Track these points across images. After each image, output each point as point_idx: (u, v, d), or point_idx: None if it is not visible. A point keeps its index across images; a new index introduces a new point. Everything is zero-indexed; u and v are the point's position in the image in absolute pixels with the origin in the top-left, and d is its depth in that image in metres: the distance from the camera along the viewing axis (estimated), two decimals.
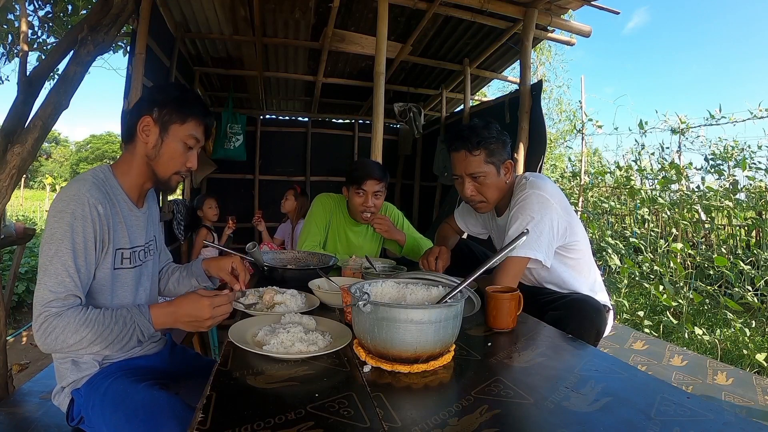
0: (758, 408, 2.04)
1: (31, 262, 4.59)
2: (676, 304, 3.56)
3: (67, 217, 0.94)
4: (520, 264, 1.34)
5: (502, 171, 1.46)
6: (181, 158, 1.11)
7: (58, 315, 0.89)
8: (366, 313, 0.80)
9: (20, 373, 2.66)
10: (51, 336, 0.88)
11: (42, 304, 0.90)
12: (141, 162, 1.10)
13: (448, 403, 0.69)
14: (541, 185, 1.39)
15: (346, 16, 3.52)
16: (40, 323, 0.89)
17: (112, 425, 0.96)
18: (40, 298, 0.91)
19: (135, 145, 1.09)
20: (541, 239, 1.33)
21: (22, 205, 13.09)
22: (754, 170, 4.18)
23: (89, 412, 1.00)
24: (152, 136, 1.07)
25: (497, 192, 1.48)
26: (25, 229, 2.15)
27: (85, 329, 0.89)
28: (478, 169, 1.44)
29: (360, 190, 1.88)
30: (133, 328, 0.94)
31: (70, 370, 1.04)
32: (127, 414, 0.94)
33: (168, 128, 1.08)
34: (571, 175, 6.53)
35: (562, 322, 1.23)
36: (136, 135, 1.08)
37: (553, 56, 11.75)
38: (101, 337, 0.91)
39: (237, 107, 5.17)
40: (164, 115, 1.07)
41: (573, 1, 3.07)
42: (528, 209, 1.35)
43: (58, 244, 0.93)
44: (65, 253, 0.93)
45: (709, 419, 0.66)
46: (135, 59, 2.59)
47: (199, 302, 0.95)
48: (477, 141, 1.41)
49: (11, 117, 1.80)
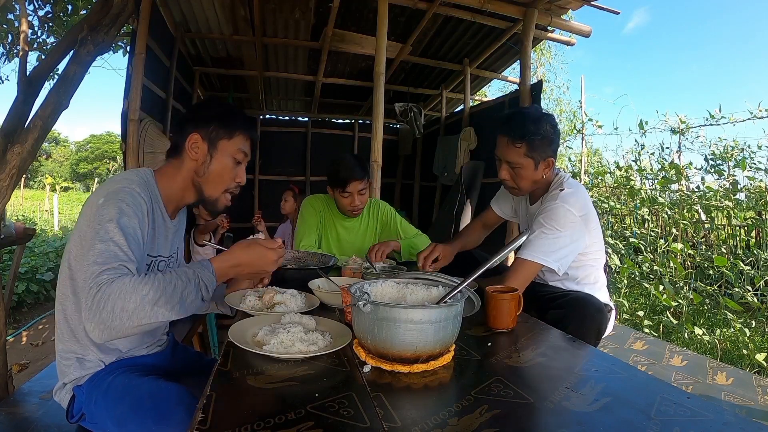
0: (758, 408, 2.05)
1: (31, 262, 4.60)
2: (676, 304, 3.56)
3: (117, 203, 0.91)
4: (532, 269, 1.35)
5: (541, 166, 1.44)
6: (230, 173, 1.10)
7: (111, 282, 0.79)
8: (366, 313, 0.80)
9: (20, 373, 2.66)
10: (107, 307, 0.77)
11: (92, 277, 0.80)
12: (187, 177, 1.09)
13: (448, 403, 0.69)
14: (573, 202, 1.38)
15: (346, 16, 3.52)
16: (92, 297, 0.77)
17: (117, 417, 0.94)
18: (88, 275, 0.81)
19: (182, 161, 1.08)
20: (560, 250, 1.34)
21: (22, 205, 13.09)
22: (754, 170, 4.18)
23: (91, 407, 0.99)
24: (201, 152, 1.06)
25: (531, 184, 1.48)
26: (25, 229, 2.15)
27: (144, 286, 0.79)
28: (517, 159, 1.43)
29: (345, 192, 1.90)
30: (196, 280, 0.87)
31: (73, 367, 1.02)
32: (132, 404, 0.93)
33: (216, 144, 1.07)
34: (572, 175, 6.53)
35: (564, 321, 1.23)
36: (183, 151, 1.07)
37: (553, 56, 11.74)
38: (164, 295, 0.81)
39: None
40: (211, 131, 1.07)
41: (573, 1, 3.07)
42: (553, 221, 1.35)
43: (108, 224, 0.87)
44: (115, 233, 0.87)
45: (709, 419, 0.66)
46: (135, 59, 2.59)
47: (266, 254, 0.95)
48: (521, 134, 1.39)
49: (11, 117, 1.80)
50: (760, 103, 4.15)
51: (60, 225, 9.62)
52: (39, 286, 4.33)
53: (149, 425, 0.90)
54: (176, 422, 0.88)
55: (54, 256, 5.17)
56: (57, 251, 5.32)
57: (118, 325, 0.78)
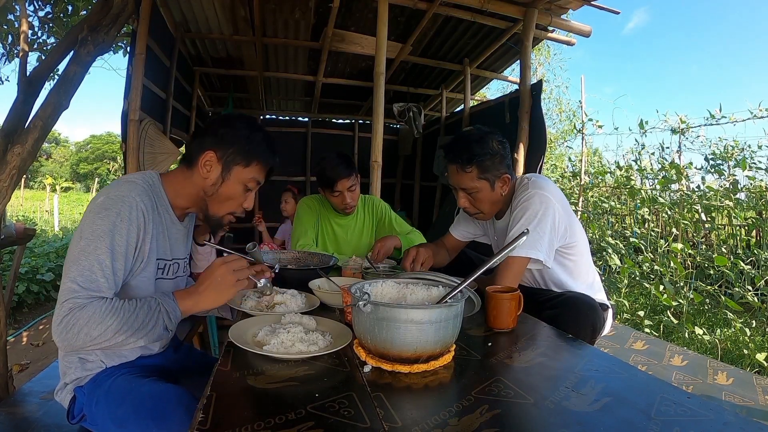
0: (758, 408, 2.04)
1: (32, 263, 4.60)
2: (677, 304, 3.55)
3: (112, 216, 0.91)
4: (521, 264, 1.34)
5: (497, 185, 1.42)
6: (238, 200, 1.07)
7: (82, 307, 0.84)
8: (366, 313, 0.80)
9: (20, 373, 2.66)
10: (73, 330, 0.82)
11: (67, 296, 0.84)
12: (196, 191, 1.06)
13: (448, 403, 0.69)
14: (543, 185, 1.38)
15: (346, 16, 3.52)
16: (62, 316, 0.83)
17: (118, 418, 0.94)
18: (65, 290, 0.85)
19: (193, 174, 1.05)
20: (543, 240, 1.33)
21: (22, 206, 13.10)
22: (754, 170, 4.17)
23: (92, 408, 0.99)
24: (213, 173, 1.03)
25: (492, 205, 1.46)
26: (25, 229, 2.15)
27: (110, 318, 0.84)
28: (470, 184, 1.40)
29: (335, 192, 1.89)
30: (158, 311, 0.89)
31: (75, 367, 1.02)
32: (134, 405, 0.93)
33: (231, 169, 1.04)
34: (572, 175, 6.52)
35: (558, 320, 1.24)
36: (195, 165, 1.04)
37: (552, 56, 11.75)
38: (126, 324, 0.85)
39: (237, 107, 5.18)
40: (229, 154, 1.03)
41: (573, 1, 3.07)
42: (531, 209, 1.34)
43: (97, 241, 0.89)
44: (103, 251, 0.89)
45: (709, 419, 0.66)
46: (135, 59, 2.59)
47: (216, 270, 0.92)
48: (468, 157, 1.37)
49: (11, 117, 1.80)
50: (760, 103, 4.15)
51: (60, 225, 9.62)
52: (39, 287, 4.33)
53: (149, 426, 0.90)
54: (176, 423, 0.88)
55: (54, 256, 5.17)
56: (57, 251, 5.31)
57: (80, 345, 0.85)
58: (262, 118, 5.56)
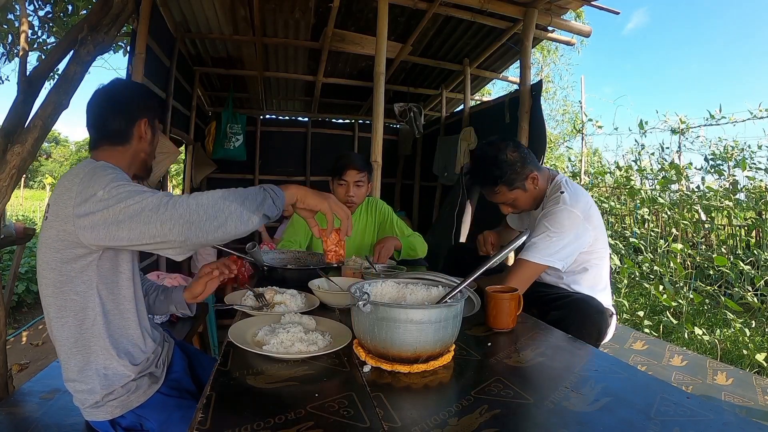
0: (758, 408, 2.04)
1: (31, 262, 4.59)
2: (676, 304, 3.56)
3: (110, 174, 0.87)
4: (536, 270, 1.35)
5: (528, 185, 1.50)
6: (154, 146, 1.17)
7: (173, 196, 0.81)
8: (366, 313, 0.80)
9: (20, 373, 2.66)
10: (183, 205, 0.78)
11: (154, 195, 0.80)
12: (136, 158, 1.10)
13: (448, 403, 0.69)
14: (573, 203, 1.40)
15: (346, 16, 3.52)
16: (165, 202, 0.78)
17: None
18: (146, 196, 0.80)
19: (131, 145, 1.07)
20: (564, 249, 1.35)
21: (22, 205, 13.08)
22: (754, 170, 4.18)
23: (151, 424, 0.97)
24: (149, 136, 1.11)
25: (531, 202, 1.55)
26: (25, 229, 2.15)
27: (210, 193, 0.81)
28: (505, 198, 1.51)
29: (342, 180, 1.92)
30: (261, 189, 0.87)
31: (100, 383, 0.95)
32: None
33: (156, 126, 1.14)
34: (571, 175, 6.53)
35: (564, 322, 1.24)
36: (131, 136, 1.07)
37: (560, 58, 11.76)
38: (233, 193, 0.82)
39: (237, 107, 5.17)
40: (152, 118, 1.13)
41: (573, 1, 3.07)
42: (557, 224, 1.37)
43: (120, 185, 0.83)
44: (130, 185, 0.84)
45: (709, 419, 0.66)
46: (135, 59, 2.59)
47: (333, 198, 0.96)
48: (492, 181, 1.47)
49: (11, 117, 1.80)
50: (761, 103, 4.16)
51: None
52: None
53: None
54: (176, 423, 0.89)
55: None
56: None
57: (197, 220, 0.78)
58: (262, 118, 5.56)
